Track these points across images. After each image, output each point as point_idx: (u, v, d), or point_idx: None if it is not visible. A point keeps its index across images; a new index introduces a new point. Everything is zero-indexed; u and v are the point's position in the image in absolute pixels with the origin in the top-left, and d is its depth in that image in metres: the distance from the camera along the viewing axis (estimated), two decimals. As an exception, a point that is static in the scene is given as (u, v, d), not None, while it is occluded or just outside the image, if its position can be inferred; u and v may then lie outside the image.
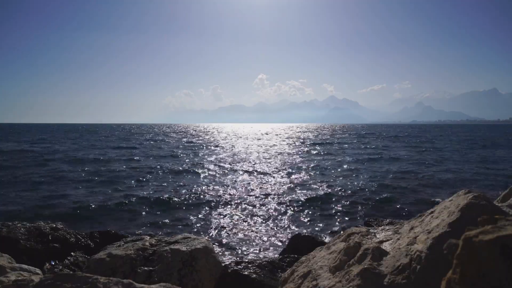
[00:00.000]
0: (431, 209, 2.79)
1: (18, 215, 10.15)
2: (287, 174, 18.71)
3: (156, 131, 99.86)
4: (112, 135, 67.85)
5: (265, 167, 21.32)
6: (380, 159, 25.97)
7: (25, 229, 5.22)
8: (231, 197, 13.03)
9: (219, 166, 21.79)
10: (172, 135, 72.19)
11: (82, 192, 13.85)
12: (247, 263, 4.42)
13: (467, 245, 1.08)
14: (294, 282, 2.97)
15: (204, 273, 4.15)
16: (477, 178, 17.49)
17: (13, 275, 2.96)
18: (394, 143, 44.27)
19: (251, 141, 50.69)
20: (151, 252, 4.23)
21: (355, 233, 3.04)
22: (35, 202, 11.98)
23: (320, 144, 43.82)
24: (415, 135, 68.83)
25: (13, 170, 18.94)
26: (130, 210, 11.31)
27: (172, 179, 17.08)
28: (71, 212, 10.85)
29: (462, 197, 2.51)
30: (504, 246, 1.03)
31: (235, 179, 17.10)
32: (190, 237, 4.64)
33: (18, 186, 14.81)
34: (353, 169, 20.49)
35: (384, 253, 2.55)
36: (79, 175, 17.86)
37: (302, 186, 15.28)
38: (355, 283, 2.38)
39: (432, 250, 2.25)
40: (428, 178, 17.07)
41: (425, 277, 2.18)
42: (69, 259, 4.84)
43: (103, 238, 5.84)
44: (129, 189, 14.56)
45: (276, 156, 28.28)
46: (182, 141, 50.40)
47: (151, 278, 3.87)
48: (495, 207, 2.42)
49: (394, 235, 2.81)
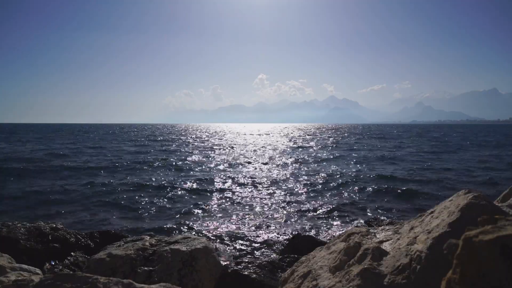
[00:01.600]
0: (431, 209, 2.79)
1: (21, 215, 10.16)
2: (287, 174, 18.71)
3: (160, 131, 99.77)
4: (108, 135, 67.90)
5: (265, 168, 21.32)
6: (380, 159, 25.96)
7: (25, 229, 5.22)
8: (231, 197, 13.03)
9: (219, 167, 21.79)
10: (172, 136, 72.19)
11: (82, 192, 13.86)
12: (247, 263, 4.42)
13: (467, 245, 1.08)
14: (294, 282, 2.97)
15: (204, 273, 4.15)
16: (478, 178, 17.49)
17: (13, 275, 2.95)
18: (394, 144, 44.26)
19: (251, 141, 50.70)
20: (151, 252, 4.23)
21: (355, 233, 3.03)
22: (38, 202, 12.00)
23: (320, 144, 43.82)
24: (415, 135, 68.85)
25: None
26: (130, 210, 11.31)
27: (172, 179, 17.08)
28: (71, 212, 10.86)
29: (462, 197, 2.51)
30: (504, 246, 1.03)
31: (235, 179, 17.10)
32: (190, 237, 4.64)
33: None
34: (354, 169, 20.50)
35: (384, 253, 2.55)
36: (80, 175, 17.86)
37: (302, 186, 15.27)
38: (355, 283, 2.38)
39: (432, 250, 2.25)
40: (429, 178, 17.07)
41: (425, 277, 2.18)
42: (69, 259, 4.83)
43: (103, 238, 5.83)
44: (129, 189, 14.57)
45: (277, 156, 28.28)
46: (180, 140, 50.42)
47: (151, 278, 3.87)
48: (495, 207, 2.42)
49: (394, 235, 2.81)
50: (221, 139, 56.06)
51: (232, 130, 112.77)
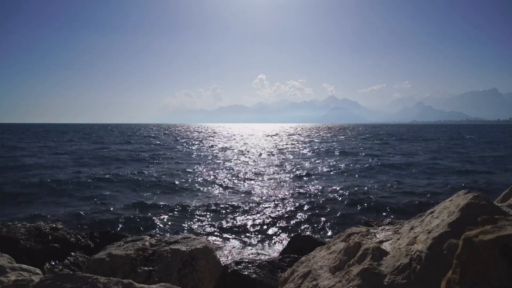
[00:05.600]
0: (431, 209, 2.79)
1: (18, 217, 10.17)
2: (287, 174, 18.71)
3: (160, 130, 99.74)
4: (111, 135, 67.93)
5: (265, 168, 21.32)
6: (380, 159, 25.96)
7: (25, 229, 5.21)
8: (231, 197, 13.03)
9: (219, 167, 21.80)
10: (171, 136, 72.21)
11: (82, 192, 13.86)
12: (247, 263, 4.41)
13: (467, 245, 1.08)
14: (294, 282, 2.97)
15: (204, 273, 4.15)
16: (478, 178, 17.48)
17: (13, 275, 2.96)
18: (395, 143, 44.26)
19: (251, 141, 50.71)
20: (151, 252, 4.23)
21: (355, 233, 3.04)
22: (40, 201, 12.01)
23: (320, 144, 43.83)
24: (415, 135, 68.86)
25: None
26: (130, 210, 11.31)
27: (172, 180, 17.08)
28: (71, 212, 10.86)
29: (462, 197, 2.51)
30: (504, 246, 1.03)
31: (235, 179, 17.10)
32: (190, 237, 4.64)
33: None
34: (354, 170, 20.50)
35: (384, 253, 2.55)
36: (81, 175, 17.87)
37: (302, 186, 15.27)
38: (355, 283, 2.38)
39: (432, 250, 2.25)
40: (429, 179, 17.07)
41: (425, 277, 2.18)
42: (69, 259, 4.83)
43: (103, 238, 5.83)
44: (129, 189, 14.57)
45: (277, 157, 28.29)
46: (178, 138, 50.43)
47: (151, 278, 3.87)
48: (495, 207, 2.42)
49: (394, 235, 2.81)
50: (220, 139, 56.09)
51: (232, 131, 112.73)
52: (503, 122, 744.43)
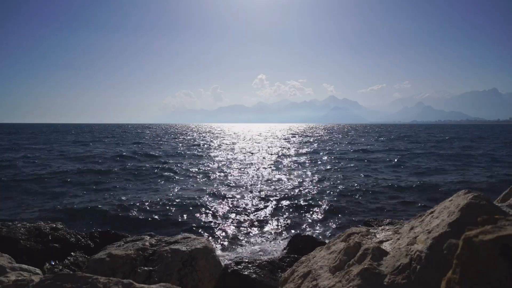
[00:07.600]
0: (431, 209, 2.79)
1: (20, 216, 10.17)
2: (287, 174, 18.71)
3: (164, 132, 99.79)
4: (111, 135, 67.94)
5: (265, 168, 21.32)
6: (381, 159, 25.96)
7: (25, 229, 5.21)
8: (231, 198, 13.02)
9: (219, 167, 21.79)
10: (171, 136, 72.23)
11: (82, 192, 13.86)
12: (247, 263, 4.42)
13: (467, 245, 1.08)
14: (294, 282, 2.97)
15: (204, 273, 4.15)
16: (478, 178, 17.48)
17: (13, 275, 2.96)
18: (394, 143, 44.25)
19: (252, 141, 50.71)
20: (151, 252, 4.23)
21: (355, 233, 3.04)
22: (41, 201, 12.00)
23: (320, 144, 43.83)
24: (415, 135, 68.86)
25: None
26: (130, 210, 11.30)
27: (172, 180, 17.08)
28: (71, 212, 10.86)
29: (462, 197, 2.51)
30: (504, 246, 1.03)
31: (235, 179, 17.10)
32: (190, 237, 4.64)
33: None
34: (354, 170, 20.50)
35: (384, 253, 2.55)
36: (81, 175, 17.86)
37: (302, 186, 15.27)
38: (355, 283, 2.38)
39: (432, 250, 2.25)
40: (429, 179, 17.07)
41: (425, 277, 2.18)
42: (69, 259, 4.83)
43: (103, 238, 5.83)
44: (129, 189, 14.57)
45: (277, 157, 28.28)
46: (181, 138, 50.43)
47: (151, 278, 3.87)
48: (495, 207, 2.42)
49: (394, 235, 2.81)
50: (222, 138, 56.09)
51: (232, 131, 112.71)
52: (503, 122, 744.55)
